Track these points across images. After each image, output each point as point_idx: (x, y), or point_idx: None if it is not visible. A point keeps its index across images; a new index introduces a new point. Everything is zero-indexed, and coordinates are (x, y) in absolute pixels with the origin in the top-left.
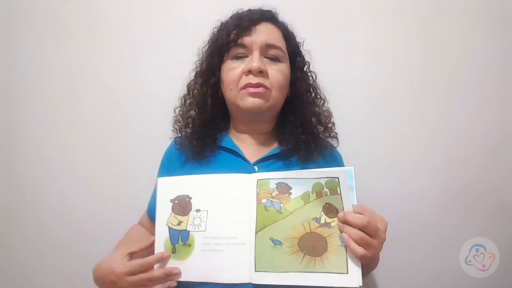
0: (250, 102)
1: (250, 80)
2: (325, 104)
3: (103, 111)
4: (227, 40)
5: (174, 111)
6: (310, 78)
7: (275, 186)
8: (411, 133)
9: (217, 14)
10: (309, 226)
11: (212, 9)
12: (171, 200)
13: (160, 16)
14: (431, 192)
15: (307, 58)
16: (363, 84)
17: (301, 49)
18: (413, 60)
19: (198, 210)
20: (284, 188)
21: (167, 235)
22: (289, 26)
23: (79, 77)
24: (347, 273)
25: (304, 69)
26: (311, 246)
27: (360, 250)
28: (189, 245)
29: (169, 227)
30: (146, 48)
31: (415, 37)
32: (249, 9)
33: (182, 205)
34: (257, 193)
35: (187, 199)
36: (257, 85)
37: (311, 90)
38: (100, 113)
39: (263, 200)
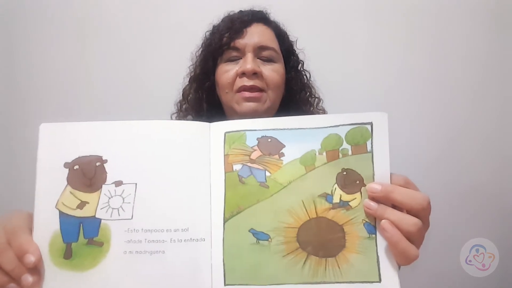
0: (246, 106)
1: (244, 83)
2: (320, 103)
3: (100, 115)
4: (219, 43)
5: (171, 117)
6: (304, 77)
7: (257, 142)
8: (410, 133)
9: (212, 17)
10: (315, 208)
11: (207, 12)
12: (67, 165)
13: (156, 21)
14: (432, 194)
15: (301, 56)
16: (361, 82)
17: (295, 47)
18: (412, 58)
19: (118, 183)
20: (271, 146)
21: (56, 225)
22: (281, 25)
23: (78, 77)
24: (380, 281)
25: (298, 68)
26: (320, 241)
27: (414, 250)
28: (101, 244)
29: (60, 211)
30: (141, 53)
31: (413, 34)
32: (240, 11)
33: (88, 174)
34: (226, 155)
35: (98, 163)
36: (252, 88)
37: (305, 89)
38: (97, 117)
39: (236, 166)
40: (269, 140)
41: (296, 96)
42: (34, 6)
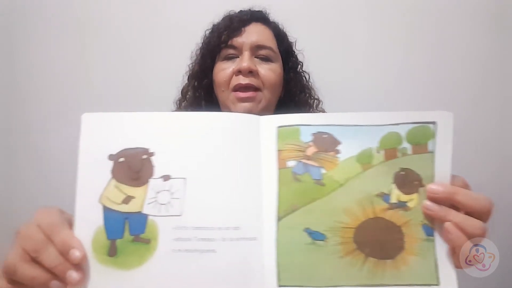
0: (241, 107)
1: (240, 81)
2: (320, 105)
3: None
4: (218, 41)
5: None
6: (303, 78)
7: (312, 138)
8: None
9: (212, 17)
10: (372, 208)
11: (208, 12)
12: (111, 157)
13: (156, 19)
14: None
15: (300, 58)
16: (361, 83)
17: (294, 49)
18: (412, 59)
19: (166, 178)
20: (327, 142)
21: (100, 221)
22: (281, 26)
23: (78, 77)
24: (438, 284)
25: (298, 69)
26: (378, 242)
27: None
28: (147, 242)
29: (104, 206)
30: (141, 52)
31: (413, 34)
32: (240, 10)
33: (134, 167)
34: (279, 151)
35: (144, 156)
36: (247, 87)
37: (305, 90)
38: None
39: (290, 163)
40: (325, 136)
41: (295, 97)
42: (34, 6)
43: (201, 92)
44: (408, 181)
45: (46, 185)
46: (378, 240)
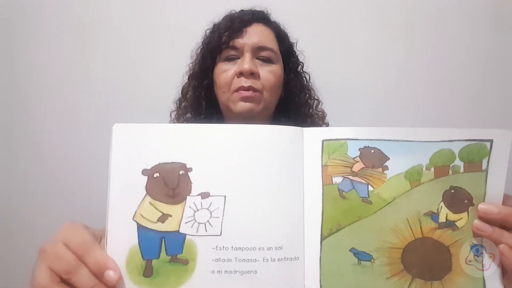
0: (241, 106)
1: (242, 83)
2: (320, 106)
3: (100, 113)
4: (218, 42)
5: (170, 115)
6: (304, 79)
7: (359, 153)
8: None
9: (212, 17)
10: (421, 227)
11: (208, 12)
12: (146, 172)
13: (156, 18)
14: None
15: (301, 58)
16: (362, 85)
17: (295, 49)
18: (412, 60)
19: (205, 195)
20: (375, 158)
21: (134, 240)
22: (282, 26)
23: (78, 77)
24: None
25: (298, 69)
26: (426, 263)
27: None
28: (185, 262)
29: (139, 224)
30: (141, 52)
31: (415, 36)
32: (241, 10)
33: (170, 183)
34: (324, 166)
35: (181, 172)
36: (248, 88)
37: (305, 91)
38: (97, 115)
39: (336, 179)
40: (373, 151)
41: (295, 97)
42: (34, 6)
43: (201, 92)
44: (457, 199)
45: (46, 185)
46: (425, 261)
